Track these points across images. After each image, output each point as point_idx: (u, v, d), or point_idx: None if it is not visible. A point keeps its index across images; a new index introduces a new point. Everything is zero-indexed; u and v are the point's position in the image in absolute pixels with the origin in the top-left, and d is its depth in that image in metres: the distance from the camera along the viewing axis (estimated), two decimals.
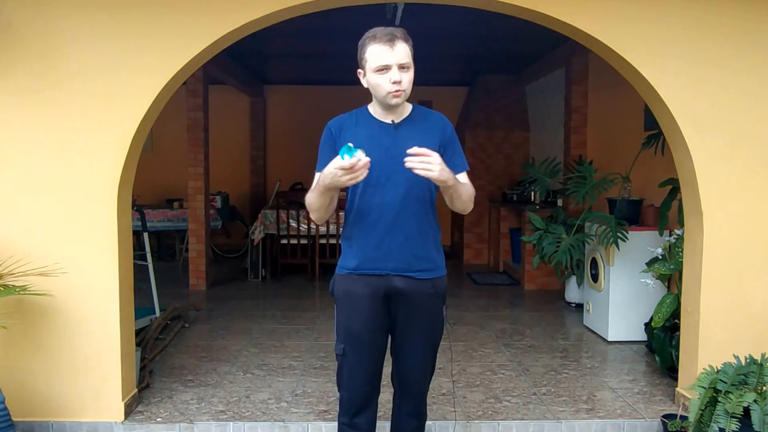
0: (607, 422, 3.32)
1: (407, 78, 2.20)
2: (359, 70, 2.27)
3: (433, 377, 2.48)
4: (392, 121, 2.30)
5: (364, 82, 2.27)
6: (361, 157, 2.00)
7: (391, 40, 2.16)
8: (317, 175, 2.26)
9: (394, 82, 2.17)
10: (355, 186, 2.23)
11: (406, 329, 2.35)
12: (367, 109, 2.34)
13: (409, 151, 2.03)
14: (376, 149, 2.20)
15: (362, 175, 2.03)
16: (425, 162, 2.01)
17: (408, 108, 2.33)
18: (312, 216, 2.30)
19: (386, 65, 2.16)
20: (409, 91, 2.23)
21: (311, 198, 2.23)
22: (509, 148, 8.55)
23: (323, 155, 2.29)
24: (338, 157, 2.02)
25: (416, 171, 2.02)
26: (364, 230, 2.28)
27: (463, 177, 2.32)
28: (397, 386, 2.47)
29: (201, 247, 6.80)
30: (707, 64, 3.26)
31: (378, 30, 2.20)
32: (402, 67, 2.18)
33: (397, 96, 2.20)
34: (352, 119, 2.33)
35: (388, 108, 2.27)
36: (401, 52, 2.17)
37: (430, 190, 2.31)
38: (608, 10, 3.25)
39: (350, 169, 2.00)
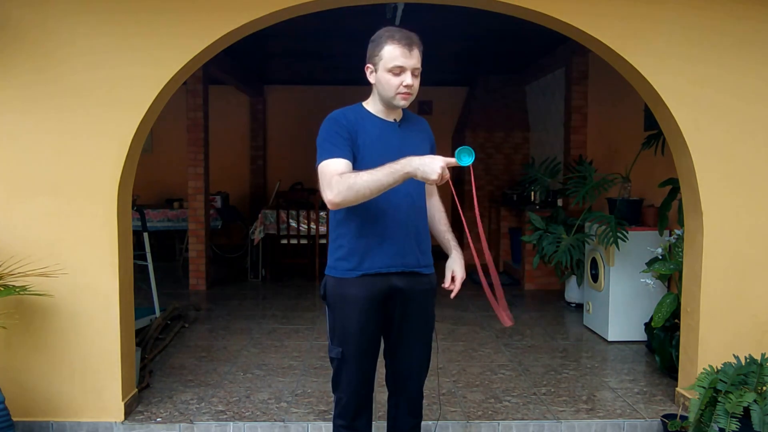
0: (607, 422, 3.32)
1: (417, 83, 2.24)
2: (368, 65, 2.26)
3: (435, 378, 2.49)
4: (395, 119, 2.33)
5: (371, 78, 2.26)
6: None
7: (409, 44, 2.18)
8: (330, 161, 2.13)
9: (406, 86, 2.20)
10: None
11: (403, 328, 2.36)
12: (365, 108, 2.32)
13: (448, 288, 2.35)
14: (386, 147, 2.23)
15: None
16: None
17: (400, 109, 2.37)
18: (343, 198, 2.06)
19: (402, 67, 2.18)
20: (415, 95, 2.28)
21: (370, 182, 2.03)
22: (509, 148, 8.54)
23: (338, 141, 2.17)
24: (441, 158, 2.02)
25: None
26: (373, 229, 2.26)
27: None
28: (393, 387, 2.48)
29: (201, 247, 6.79)
30: (707, 64, 3.26)
31: (396, 31, 2.21)
32: (415, 72, 2.22)
33: (405, 98, 2.24)
34: (355, 115, 2.29)
35: (390, 107, 2.28)
36: (416, 57, 2.21)
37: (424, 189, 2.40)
38: (608, 10, 3.25)
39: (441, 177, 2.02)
